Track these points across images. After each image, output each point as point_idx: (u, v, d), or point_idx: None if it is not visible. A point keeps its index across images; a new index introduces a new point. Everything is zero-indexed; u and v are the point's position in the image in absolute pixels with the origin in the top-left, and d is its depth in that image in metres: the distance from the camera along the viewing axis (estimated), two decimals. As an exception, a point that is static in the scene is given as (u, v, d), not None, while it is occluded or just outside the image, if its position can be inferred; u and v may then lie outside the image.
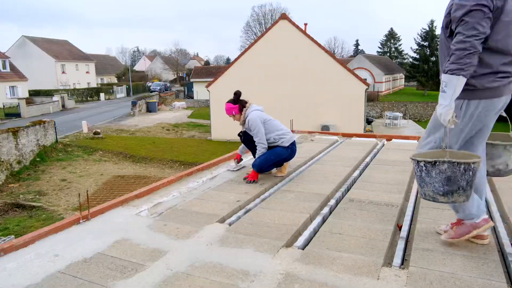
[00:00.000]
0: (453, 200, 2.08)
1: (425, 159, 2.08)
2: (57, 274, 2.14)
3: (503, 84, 2.09)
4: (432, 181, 2.08)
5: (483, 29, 1.94)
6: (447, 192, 2.07)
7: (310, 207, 3.05)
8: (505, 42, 2.03)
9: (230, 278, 2.05)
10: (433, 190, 2.11)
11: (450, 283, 1.95)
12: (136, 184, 14.71)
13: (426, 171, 2.09)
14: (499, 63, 2.05)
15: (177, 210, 3.08)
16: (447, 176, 2.03)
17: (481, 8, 1.93)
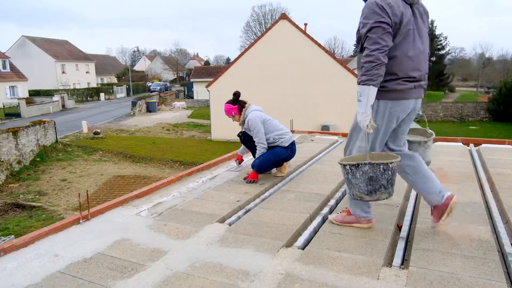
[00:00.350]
0: (377, 197, 2.33)
1: (350, 163, 2.31)
2: (57, 274, 2.14)
3: (409, 88, 2.37)
4: (357, 182, 2.31)
5: (384, 42, 2.22)
6: (371, 191, 2.29)
7: (310, 207, 3.05)
8: (405, 51, 2.30)
9: (230, 278, 2.05)
10: (359, 190, 2.33)
11: (450, 283, 1.95)
12: (136, 184, 14.70)
13: (352, 174, 2.31)
14: (405, 69, 2.32)
15: (177, 210, 3.08)
16: (369, 176, 2.25)
17: (380, 25, 2.21)
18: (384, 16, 2.22)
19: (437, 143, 5.66)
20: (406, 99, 2.38)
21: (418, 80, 2.40)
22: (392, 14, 2.23)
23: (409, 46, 2.32)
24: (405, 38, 2.30)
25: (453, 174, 3.96)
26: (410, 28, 2.31)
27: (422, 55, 2.40)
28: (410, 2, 2.31)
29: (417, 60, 2.36)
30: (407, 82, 2.35)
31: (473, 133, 28.28)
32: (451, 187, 3.51)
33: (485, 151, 4.92)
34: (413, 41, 2.33)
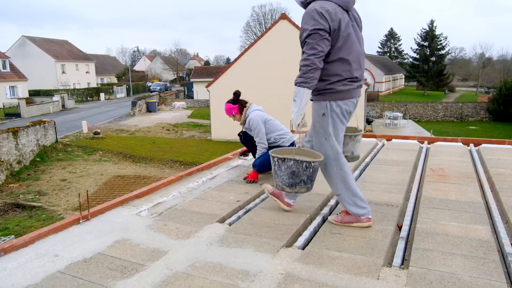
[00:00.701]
0: (296, 191, 2.52)
1: (278, 156, 2.50)
2: (57, 274, 2.13)
3: (353, 88, 2.56)
4: (281, 174, 2.49)
5: (321, 48, 2.37)
6: (291, 184, 2.48)
7: (310, 207, 3.05)
8: (347, 53, 2.47)
9: (230, 278, 2.05)
10: (282, 181, 2.52)
11: (450, 283, 1.95)
12: (136, 184, 14.71)
13: (278, 165, 2.50)
14: (347, 70, 2.49)
15: (177, 210, 3.08)
16: (292, 171, 2.44)
17: (317, 32, 2.35)
18: (322, 23, 2.36)
19: (437, 143, 5.66)
20: (352, 98, 2.59)
21: (359, 79, 2.60)
22: (331, 21, 2.37)
23: (351, 49, 2.49)
24: (346, 41, 2.46)
25: (453, 174, 3.96)
26: (350, 32, 2.47)
27: (361, 56, 2.60)
28: (347, 8, 2.47)
29: (357, 61, 2.55)
30: (352, 82, 2.53)
31: (473, 133, 28.28)
32: (451, 187, 3.51)
33: (485, 151, 4.92)
34: (353, 44, 2.50)
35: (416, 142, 5.76)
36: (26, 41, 49.66)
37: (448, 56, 63.89)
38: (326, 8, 2.38)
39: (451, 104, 36.31)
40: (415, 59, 58.28)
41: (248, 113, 3.98)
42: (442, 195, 3.29)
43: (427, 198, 3.23)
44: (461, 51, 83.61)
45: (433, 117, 35.45)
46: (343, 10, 2.45)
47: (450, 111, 35.35)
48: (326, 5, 2.40)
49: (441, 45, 56.44)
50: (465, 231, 2.56)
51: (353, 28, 2.51)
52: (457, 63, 75.58)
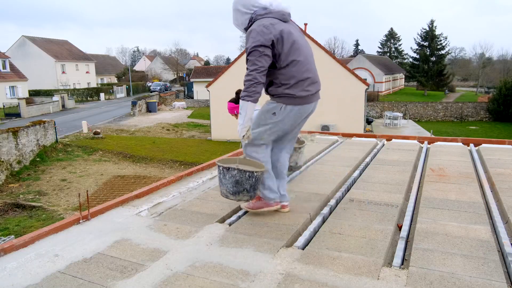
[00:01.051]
0: (239, 199, 2.63)
1: (223, 165, 2.61)
2: (57, 274, 2.13)
3: (311, 93, 2.72)
4: (226, 182, 2.61)
5: (261, 64, 2.53)
6: (235, 192, 2.60)
7: (310, 207, 3.05)
8: (296, 55, 2.62)
9: (230, 278, 2.05)
10: (226, 189, 2.64)
11: (450, 283, 1.95)
12: (136, 184, 14.71)
13: (223, 174, 2.61)
14: (300, 71, 2.64)
15: (177, 210, 3.08)
16: (236, 179, 2.56)
17: (256, 49, 2.52)
18: (260, 40, 2.52)
19: (437, 143, 5.66)
20: (309, 103, 2.74)
21: (316, 81, 2.76)
22: (270, 33, 2.53)
23: (299, 51, 2.65)
24: (292, 46, 2.62)
25: (453, 174, 3.96)
26: (295, 39, 2.64)
27: (311, 58, 2.77)
28: (285, 20, 2.67)
29: (308, 62, 2.70)
30: (309, 86, 2.69)
31: (473, 133, 28.29)
32: (451, 187, 3.51)
33: (485, 151, 4.92)
34: (300, 48, 2.67)
35: (416, 142, 5.76)
36: (26, 41, 49.67)
37: (448, 56, 63.93)
38: (264, 24, 2.55)
39: (451, 104, 36.32)
40: (415, 59, 58.31)
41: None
42: (442, 195, 3.29)
43: (427, 198, 3.23)
44: (461, 51, 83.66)
45: (433, 117, 35.45)
46: (282, 22, 2.64)
47: (450, 111, 35.36)
48: (264, 21, 2.57)
49: (441, 45, 56.46)
50: (465, 231, 2.56)
51: (298, 36, 2.71)
52: (457, 63, 75.60)
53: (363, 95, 22.16)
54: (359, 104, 22.02)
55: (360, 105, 22.07)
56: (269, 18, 2.60)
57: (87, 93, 48.38)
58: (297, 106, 2.68)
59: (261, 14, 2.63)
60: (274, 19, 2.60)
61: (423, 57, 55.71)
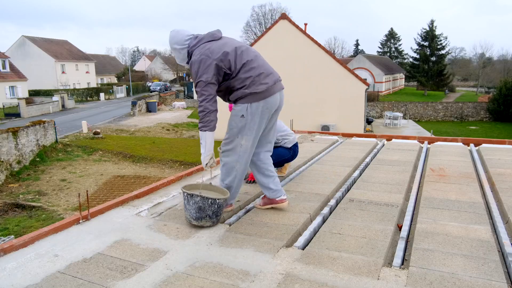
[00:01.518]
0: (202, 224, 2.68)
1: (187, 191, 2.67)
2: (57, 274, 2.13)
3: (270, 85, 2.79)
4: (190, 208, 2.66)
5: (208, 93, 2.67)
6: (198, 217, 2.65)
7: (310, 207, 3.05)
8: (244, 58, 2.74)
9: (230, 278, 2.04)
10: (189, 215, 2.68)
11: (450, 283, 1.95)
12: (136, 184, 14.71)
13: (187, 200, 2.67)
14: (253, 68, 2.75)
15: (177, 210, 3.08)
16: (198, 206, 2.63)
17: (200, 80, 2.66)
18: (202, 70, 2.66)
19: (437, 143, 5.66)
20: (272, 95, 2.80)
21: (270, 73, 2.84)
22: (212, 59, 2.66)
23: (246, 54, 2.76)
24: (237, 53, 2.73)
25: (453, 174, 3.96)
26: (235, 45, 2.76)
27: (258, 56, 2.86)
28: (218, 38, 2.81)
29: (256, 59, 2.79)
30: (266, 78, 2.78)
31: (473, 133, 28.28)
32: (451, 187, 3.51)
33: (485, 151, 4.92)
34: (245, 50, 2.78)
35: (416, 142, 5.76)
36: (26, 41, 49.65)
37: (448, 56, 63.91)
38: (201, 52, 2.69)
39: (451, 104, 36.32)
40: (415, 59, 58.28)
41: None
42: (442, 195, 3.29)
43: (427, 198, 3.23)
44: (461, 51, 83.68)
45: (433, 117, 35.45)
46: (216, 41, 2.79)
47: (450, 111, 35.35)
48: (201, 50, 2.71)
49: (441, 45, 56.44)
50: (465, 231, 2.56)
51: (237, 42, 2.85)
52: (457, 63, 75.60)
53: (363, 95, 22.15)
54: (359, 104, 22.01)
55: (360, 105, 22.06)
56: (203, 44, 2.74)
57: (87, 93, 48.36)
58: (261, 101, 2.76)
59: (195, 44, 2.78)
60: (207, 43, 2.75)
61: (423, 57, 55.69)
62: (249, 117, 2.76)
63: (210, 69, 2.66)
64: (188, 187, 2.85)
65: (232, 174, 2.90)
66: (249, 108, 2.76)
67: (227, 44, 2.77)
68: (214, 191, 2.87)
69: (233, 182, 2.93)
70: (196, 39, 2.79)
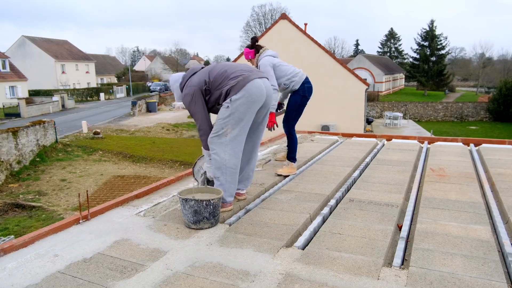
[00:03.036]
0: (201, 227, 2.70)
1: (182, 196, 2.71)
2: (57, 274, 2.13)
3: (244, 75, 2.91)
4: (186, 212, 2.69)
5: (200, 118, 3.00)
6: (196, 221, 2.68)
7: (310, 207, 3.05)
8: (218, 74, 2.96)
9: (230, 278, 2.04)
10: (187, 220, 2.71)
11: (450, 283, 1.95)
12: (136, 184, 14.71)
13: (183, 205, 2.70)
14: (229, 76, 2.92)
15: (177, 210, 3.08)
16: (194, 209, 2.65)
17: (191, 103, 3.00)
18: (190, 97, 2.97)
19: (437, 143, 5.66)
20: (249, 81, 2.88)
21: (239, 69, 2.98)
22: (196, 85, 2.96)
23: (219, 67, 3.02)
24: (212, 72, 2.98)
25: (453, 174, 3.96)
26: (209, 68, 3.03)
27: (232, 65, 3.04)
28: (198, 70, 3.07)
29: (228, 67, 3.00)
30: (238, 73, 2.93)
31: (473, 133, 28.29)
32: (451, 187, 3.51)
33: (485, 151, 4.92)
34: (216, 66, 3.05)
35: (416, 142, 5.76)
36: (26, 41, 49.64)
37: (448, 56, 63.91)
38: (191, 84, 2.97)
39: (451, 104, 36.32)
40: (415, 59, 58.28)
41: (260, 57, 4.09)
42: (442, 195, 3.29)
43: (427, 198, 3.23)
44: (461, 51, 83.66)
45: (433, 117, 35.45)
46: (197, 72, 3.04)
47: (450, 111, 35.36)
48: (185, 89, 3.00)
49: (441, 45, 56.44)
50: (465, 231, 2.56)
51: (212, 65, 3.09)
52: (457, 63, 75.60)
53: (363, 95, 22.15)
54: (359, 104, 22.02)
55: (360, 105, 22.06)
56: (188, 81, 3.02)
57: (87, 93, 48.36)
58: (241, 91, 2.85)
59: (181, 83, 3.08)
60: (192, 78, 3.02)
61: (423, 57, 55.70)
62: (233, 106, 2.85)
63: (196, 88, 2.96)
64: (184, 192, 2.86)
65: (222, 168, 2.91)
66: (233, 100, 2.87)
67: (202, 70, 3.07)
68: (210, 192, 2.87)
69: (224, 175, 2.92)
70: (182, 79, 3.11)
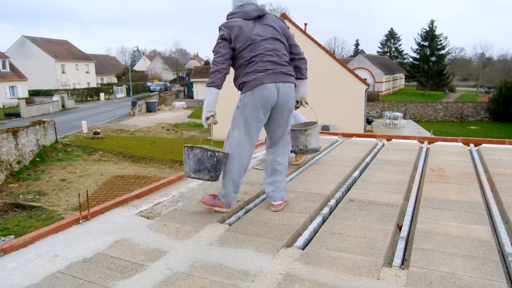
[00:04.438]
0: (200, 177, 2.82)
1: (188, 145, 2.85)
2: (57, 274, 2.13)
3: (262, 75, 2.76)
4: (189, 161, 2.83)
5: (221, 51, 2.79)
6: (196, 170, 2.80)
7: (310, 207, 3.05)
8: (251, 52, 2.80)
9: (230, 278, 2.04)
10: (189, 168, 2.84)
11: (450, 283, 1.95)
12: (136, 184, 14.71)
13: (187, 154, 2.83)
14: (253, 66, 2.79)
15: (177, 210, 3.08)
16: (198, 158, 2.79)
17: (217, 41, 2.82)
18: (220, 34, 2.81)
19: (437, 143, 5.66)
20: (263, 84, 2.75)
21: (270, 69, 2.79)
22: (229, 30, 2.79)
23: (252, 49, 2.79)
24: (247, 43, 2.79)
25: (453, 174, 3.96)
26: (251, 36, 2.80)
27: (272, 52, 2.82)
28: (250, 18, 2.87)
29: (264, 57, 2.79)
30: (257, 73, 2.78)
31: (473, 133, 28.29)
32: (451, 187, 3.51)
33: (485, 151, 4.92)
34: (257, 44, 2.80)
35: (416, 142, 5.76)
36: (26, 41, 49.65)
37: (448, 56, 63.93)
38: (225, 24, 2.84)
39: (451, 104, 36.32)
40: (415, 59, 58.29)
41: None
42: (442, 195, 3.29)
43: (427, 198, 3.23)
44: (461, 51, 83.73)
45: (433, 117, 35.45)
46: (246, 21, 2.85)
47: (450, 111, 35.35)
48: (226, 22, 2.86)
49: (441, 45, 56.45)
50: (465, 231, 2.56)
51: (258, 32, 2.84)
52: (457, 63, 75.61)
53: (363, 95, 22.16)
54: (359, 104, 22.02)
55: (360, 105, 22.07)
56: (234, 18, 2.88)
57: (87, 93, 48.37)
58: (253, 90, 2.77)
59: (229, 15, 2.96)
60: (238, 18, 2.86)
61: (423, 57, 55.70)
62: (242, 104, 2.83)
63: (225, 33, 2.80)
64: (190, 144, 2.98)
65: (225, 167, 2.91)
66: (242, 97, 2.83)
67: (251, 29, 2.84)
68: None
69: (225, 175, 2.90)
70: (231, 14, 2.94)
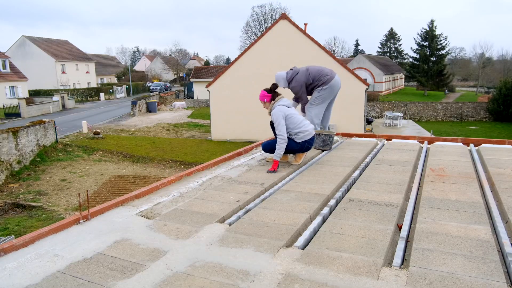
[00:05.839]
0: (324, 148, 5.08)
1: (316, 132, 4.80)
2: (57, 274, 2.13)
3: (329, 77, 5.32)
4: (317, 141, 4.99)
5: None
6: (323, 145, 5.05)
7: (310, 207, 3.05)
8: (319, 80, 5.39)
9: (230, 278, 2.05)
10: (318, 145, 5.03)
11: (450, 283, 1.95)
12: (136, 184, 14.71)
13: (316, 137, 4.86)
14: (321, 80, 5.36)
15: (177, 210, 3.08)
16: (323, 139, 5.03)
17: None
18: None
19: (437, 143, 5.66)
20: (332, 80, 5.33)
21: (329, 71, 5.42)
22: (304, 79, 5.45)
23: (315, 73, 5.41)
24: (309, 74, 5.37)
25: (453, 174, 3.96)
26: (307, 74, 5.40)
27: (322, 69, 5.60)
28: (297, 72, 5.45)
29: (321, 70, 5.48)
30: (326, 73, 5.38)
31: (473, 133, 28.28)
32: (451, 187, 3.51)
33: (485, 151, 4.92)
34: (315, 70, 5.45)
35: (416, 142, 5.76)
36: (26, 41, 49.66)
37: (448, 56, 63.90)
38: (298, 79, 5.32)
39: (451, 104, 36.30)
40: (415, 59, 58.26)
41: (274, 106, 4.34)
42: (442, 195, 3.29)
43: (427, 198, 3.23)
44: (461, 51, 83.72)
45: (433, 117, 35.45)
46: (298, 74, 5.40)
47: (450, 111, 35.34)
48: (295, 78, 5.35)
49: (441, 45, 56.43)
50: (465, 231, 2.56)
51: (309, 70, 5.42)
52: (457, 63, 75.62)
53: (363, 95, 22.16)
54: (359, 104, 22.02)
55: (360, 105, 22.07)
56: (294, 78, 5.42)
57: (87, 93, 48.36)
58: (328, 83, 5.29)
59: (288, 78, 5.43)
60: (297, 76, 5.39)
61: (423, 57, 55.68)
62: (324, 92, 5.31)
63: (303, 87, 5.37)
64: (318, 131, 5.02)
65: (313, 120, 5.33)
66: (324, 87, 5.29)
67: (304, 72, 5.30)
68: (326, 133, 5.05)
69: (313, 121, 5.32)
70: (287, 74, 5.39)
